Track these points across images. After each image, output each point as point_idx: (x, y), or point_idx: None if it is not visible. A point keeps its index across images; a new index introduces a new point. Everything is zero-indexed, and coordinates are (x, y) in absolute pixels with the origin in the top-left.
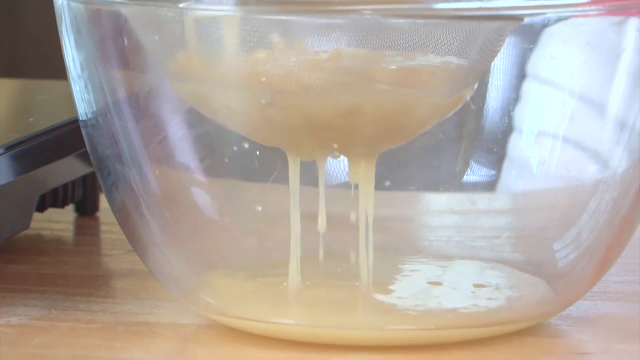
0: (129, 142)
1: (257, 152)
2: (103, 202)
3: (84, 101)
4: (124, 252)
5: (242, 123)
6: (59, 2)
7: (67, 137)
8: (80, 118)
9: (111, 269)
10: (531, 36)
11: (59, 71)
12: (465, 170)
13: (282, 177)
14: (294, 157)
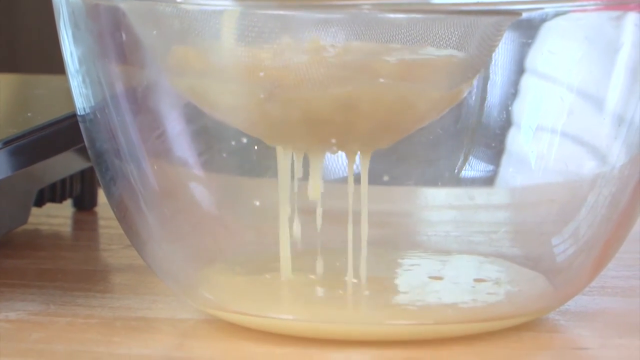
0: (127, 137)
1: (255, 147)
2: (101, 197)
3: (82, 96)
4: (122, 247)
5: (240, 118)
6: None
7: (65, 132)
8: (79, 113)
9: (109, 264)
10: (529, 31)
11: (57, 66)
12: (464, 165)
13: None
14: (285, 152)
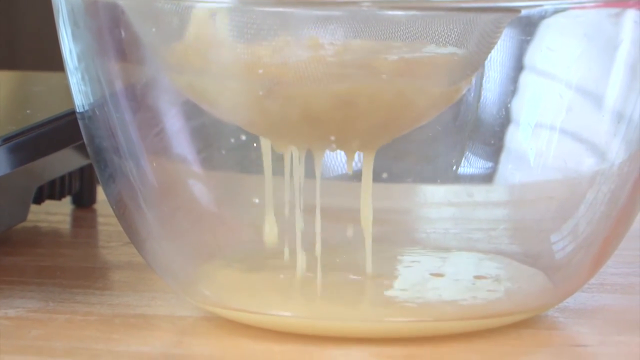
0: (126, 134)
1: (254, 144)
2: (100, 194)
3: (81, 93)
4: (121, 244)
5: (239, 115)
6: None
7: (64, 129)
8: (78, 110)
9: (108, 261)
10: (528, 28)
11: (56, 63)
12: (463, 162)
13: (280, 169)
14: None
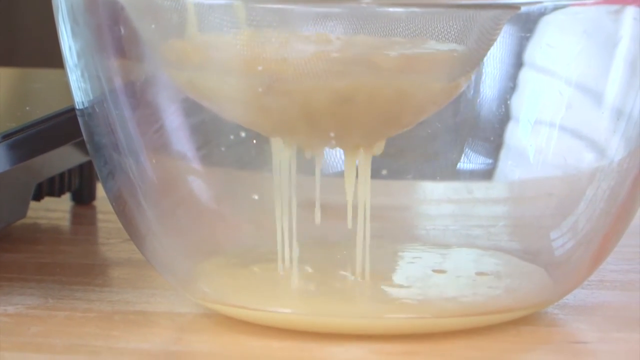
0: (126, 131)
1: (254, 141)
2: (100, 190)
3: (80, 90)
4: (120, 241)
5: (238, 111)
6: None
7: (64, 126)
8: (77, 107)
9: (108, 257)
10: (528, 25)
11: (55, 60)
12: (462, 159)
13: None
14: (285, 145)
